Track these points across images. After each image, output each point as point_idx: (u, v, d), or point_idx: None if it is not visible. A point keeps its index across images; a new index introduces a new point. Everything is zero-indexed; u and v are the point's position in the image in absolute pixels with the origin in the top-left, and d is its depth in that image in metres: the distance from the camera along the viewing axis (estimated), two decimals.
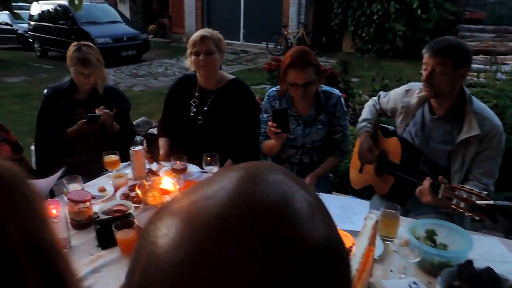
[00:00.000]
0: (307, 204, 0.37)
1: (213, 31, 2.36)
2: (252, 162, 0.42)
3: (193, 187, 0.41)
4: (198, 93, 2.42)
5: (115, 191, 1.98)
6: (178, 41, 14.85)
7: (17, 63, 11.37)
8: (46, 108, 2.56)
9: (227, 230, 0.33)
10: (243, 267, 0.31)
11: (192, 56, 2.31)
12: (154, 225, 0.37)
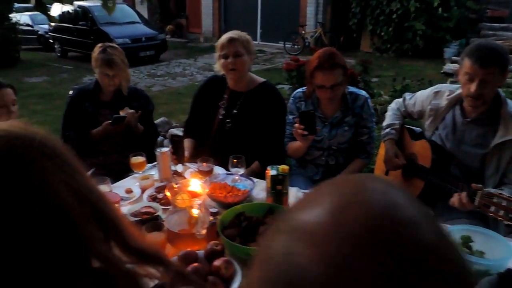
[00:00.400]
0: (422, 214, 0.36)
1: (241, 33, 2.35)
2: (350, 177, 0.41)
3: (300, 204, 0.40)
4: (227, 95, 2.42)
5: (142, 192, 1.98)
6: (195, 41, 14.91)
7: (38, 64, 11.56)
8: (72, 109, 2.58)
9: (358, 246, 0.32)
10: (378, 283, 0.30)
11: (220, 59, 2.31)
12: (277, 244, 0.36)
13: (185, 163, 2.29)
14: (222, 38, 2.33)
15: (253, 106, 2.37)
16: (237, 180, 2.04)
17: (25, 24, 13.78)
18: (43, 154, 0.63)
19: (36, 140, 0.64)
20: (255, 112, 2.36)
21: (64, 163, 0.65)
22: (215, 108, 2.43)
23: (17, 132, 0.64)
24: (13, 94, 2.10)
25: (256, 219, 1.57)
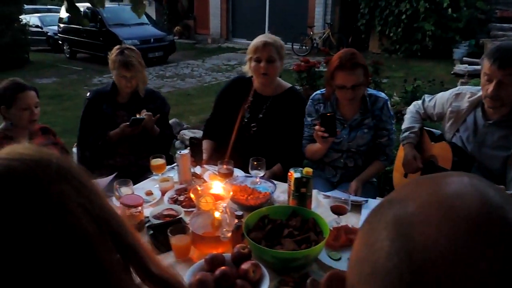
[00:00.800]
0: None
1: (275, 37, 2.35)
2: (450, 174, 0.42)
3: (399, 196, 0.42)
4: (252, 98, 2.41)
5: (162, 195, 1.98)
6: (203, 42, 14.95)
7: (47, 65, 11.64)
8: (89, 111, 2.59)
9: (473, 226, 0.35)
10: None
11: (252, 62, 2.31)
12: None
13: (203, 165, 2.29)
14: (256, 40, 2.31)
15: (279, 111, 2.38)
16: (257, 182, 2.04)
17: (34, 26, 13.90)
18: (60, 177, 0.60)
19: (53, 163, 0.61)
20: (281, 117, 2.37)
21: (83, 187, 0.62)
22: (238, 110, 2.43)
23: (33, 155, 0.61)
24: (36, 96, 2.11)
25: (280, 222, 1.56)
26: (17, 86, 2.07)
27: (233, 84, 2.58)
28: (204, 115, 6.15)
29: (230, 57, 12.00)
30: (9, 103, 2.04)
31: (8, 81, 2.12)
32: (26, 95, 2.06)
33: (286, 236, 1.50)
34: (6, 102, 2.04)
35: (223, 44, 14.23)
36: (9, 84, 2.09)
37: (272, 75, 2.35)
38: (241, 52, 12.68)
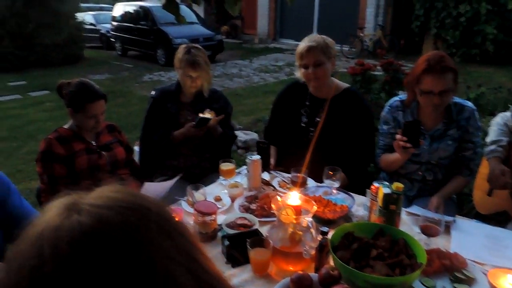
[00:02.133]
0: None
1: (320, 37, 2.22)
2: None
3: None
4: (309, 102, 2.30)
5: (231, 201, 1.89)
6: (250, 42, 14.94)
7: (100, 62, 11.99)
8: (154, 110, 2.55)
9: None
10: None
11: (301, 68, 2.21)
12: None
13: (271, 171, 2.19)
14: (300, 46, 2.20)
15: (338, 113, 2.25)
16: (330, 193, 1.91)
17: (88, 23, 14.39)
18: (161, 231, 0.49)
19: (152, 212, 0.50)
20: (340, 120, 2.24)
21: (185, 242, 0.52)
22: (297, 115, 2.32)
23: (129, 201, 0.51)
24: (104, 104, 2.05)
25: (367, 241, 1.43)
26: (89, 95, 1.98)
27: (289, 89, 2.49)
28: (254, 116, 6.09)
29: (278, 57, 11.90)
30: (77, 108, 1.99)
31: (80, 85, 2.01)
32: (95, 106, 1.98)
33: (376, 258, 1.36)
34: (74, 106, 1.99)
35: (270, 45, 14.15)
36: (80, 89, 1.99)
37: (323, 78, 2.22)
38: (288, 53, 12.56)
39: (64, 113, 6.90)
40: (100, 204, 0.48)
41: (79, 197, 0.50)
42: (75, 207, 0.48)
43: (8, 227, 1.23)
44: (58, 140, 1.98)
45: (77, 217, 0.46)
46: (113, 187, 0.53)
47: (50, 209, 0.49)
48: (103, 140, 2.15)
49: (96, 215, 0.47)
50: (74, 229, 0.45)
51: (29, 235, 0.46)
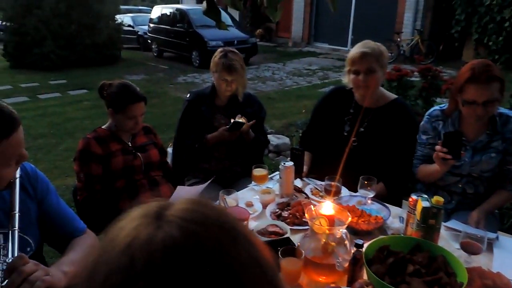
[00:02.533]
0: None
1: (375, 44, 2.15)
2: None
3: None
4: (353, 110, 2.25)
5: (263, 207, 1.87)
6: (284, 45, 14.91)
7: (137, 63, 12.27)
8: (188, 113, 2.56)
9: None
10: None
11: (350, 74, 2.15)
12: None
13: (303, 178, 2.16)
14: (353, 51, 2.14)
15: (383, 124, 2.18)
16: (365, 203, 1.86)
17: (127, 25, 14.75)
18: (250, 256, 0.46)
19: (241, 236, 0.48)
20: (385, 131, 2.17)
21: (271, 271, 0.49)
22: (339, 122, 2.27)
23: (221, 219, 0.48)
24: (144, 106, 2.08)
25: (403, 255, 1.38)
26: (131, 96, 2.02)
27: (332, 95, 2.43)
28: (286, 120, 6.06)
29: (312, 61, 11.82)
30: (118, 109, 2.03)
31: (121, 86, 2.05)
32: (136, 107, 2.02)
33: (412, 274, 1.31)
34: (115, 107, 2.03)
35: (304, 48, 14.07)
36: (122, 91, 2.04)
37: (373, 86, 2.16)
38: (322, 57, 12.46)
39: (100, 112, 7.10)
40: (189, 218, 0.46)
41: (164, 208, 0.48)
42: (163, 218, 0.46)
43: (44, 225, 1.26)
44: (96, 139, 2.02)
45: (168, 230, 0.44)
46: (195, 200, 0.51)
47: (133, 218, 0.47)
48: (138, 141, 2.18)
49: (188, 230, 0.45)
50: (166, 242, 0.43)
51: (114, 244, 0.45)
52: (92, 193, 1.99)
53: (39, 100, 7.90)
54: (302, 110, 6.44)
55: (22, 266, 0.96)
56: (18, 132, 1.03)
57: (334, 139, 2.29)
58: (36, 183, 1.25)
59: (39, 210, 1.25)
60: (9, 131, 1.01)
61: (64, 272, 1.09)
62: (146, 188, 2.09)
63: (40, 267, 1.00)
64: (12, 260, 0.99)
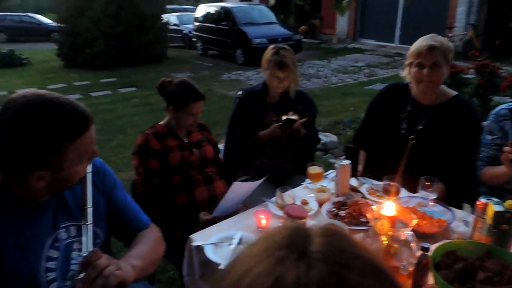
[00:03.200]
0: None
1: (443, 38, 2.06)
2: None
3: None
4: (410, 107, 2.16)
5: (319, 206, 1.84)
6: (328, 42, 14.71)
7: (182, 61, 12.53)
8: (240, 110, 2.57)
9: None
10: None
11: (413, 67, 2.06)
12: None
13: (358, 177, 2.10)
14: (420, 44, 2.04)
15: (442, 122, 2.09)
16: (425, 205, 1.79)
17: (172, 24, 15.08)
18: (361, 269, 0.43)
19: (342, 236, 0.45)
20: (445, 130, 2.07)
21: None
22: (395, 120, 2.19)
23: (374, 264, 0.44)
24: (203, 105, 2.12)
25: (472, 261, 1.31)
26: (191, 94, 2.06)
27: (388, 92, 2.34)
28: (332, 118, 5.96)
29: (357, 58, 11.58)
30: (179, 107, 2.06)
31: (182, 84, 2.10)
32: (196, 105, 2.06)
33: (484, 282, 1.24)
34: (176, 104, 2.07)
35: (349, 45, 13.81)
36: (183, 89, 2.08)
37: (437, 82, 2.06)
38: (368, 54, 12.17)
39: (148, 109, 7.29)
40: (335, 257, 0.42)
41: (306, 243, 0.44)
42: (308, 255, 0.42)
43: (112, 218, 1.30)
44: (154, 135, 2.06)
45: (319, 272, 0.40)
46: (332, 230, 0.47)
47: (262, 252, 0.44)
48: (194, 138, 2.21)
49: (337, 274, 0.41)
50: (320, 285, 0.39)
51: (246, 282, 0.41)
52: (150, 187, 2.03)
53: (91, 98, 8.23)
54: (350, 108, 6.33)
55: (97, 261, 0.99)
56: (91, 130, 1.06)
57: (390, 138, 2.21)
58: (105, 177, 1.29)
59: (107, 204, 1.28)
60: (82, 129, 1.03)
61: (133, 265, 1.12)
62: (201, 183, 2.11)
63: (112, 261, 1.03)
64: (87, 254, 1.02)
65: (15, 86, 9.33)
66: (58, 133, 0.99)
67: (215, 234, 1.65)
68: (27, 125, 0.96)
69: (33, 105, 0.98)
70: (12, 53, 12.32)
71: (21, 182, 1.02)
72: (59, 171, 1.03)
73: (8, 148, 0.97)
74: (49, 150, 0.99)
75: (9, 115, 0.97)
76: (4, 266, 1.01)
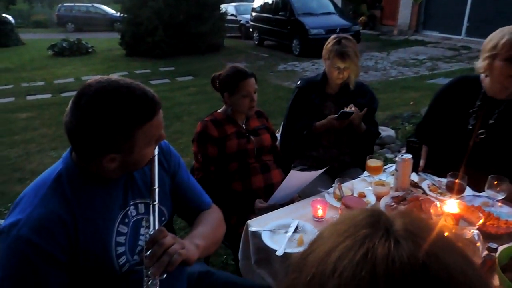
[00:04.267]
0: None
1: None
2: None
3: None
4: (480, 102, 2.05)
5: (377, 199, 1.81)
6: (388, 34, 14.21)
7: (238, 51, 12.65)
8: (298, 100, 2.56)
9: None
10: None
11: (497, 60, 1.91)
12: None
13: (419, 173, 2.04)
14: (509, 36, 1.90)
15: None
16: (492, 205, 1.70)
17: (230, 14, 15.24)
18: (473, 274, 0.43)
19: (419, 218, 0.46)
20: None
21: None
22: (463, 115, 2.09)
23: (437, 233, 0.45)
24: (255, 83, 2.15)
25: None
26: (240, 73, 2.12)
27: (457, 84, 2.22)
28: (390, 112, 5.78)
29: (419, 50, 11.10)
30: (232, 90, 2.11)
31: (230, 69, 2.17)
32: (247, 83, 2.11)
33: None
34: (229, 89, 2.12)
35: (411, 37, 13.25)
36: (232, 72, 2.14)
37: None
38: (431, 46, 11.63)
39: (205, 97, 7.46)
40: (419, 235, 0.44)
41: (389, 223, 0.46)
42: (394, 233, 0.44)
43: (176, 198, 1.35)
44: (213, 122, 2.12)
45: (408, 248, 0.42)
46: (409, 213, 0.48)
47: (347, 228, 0.46)
48: (252, 125, 2.24)
49: (421, 247, 0.42)
50: (411, 261, 0.41)
51: (332, 259, 0.43)
52: (207, 173, 2.09)
53: (150, 86, 8.41)
54: (410, 103, 6.10)
55: (163, 239, 1.04)
56: (159, 114, 1.10)
57: (456, 133, 2.11)
58: (170, 158, 1.34)
59: (172, 183, 1.34)
60: (152, 114, 1.07)
61: (196, 245, 1.16)
62: (258, 171, 2.14)
63: (177, 240, 1.07)
64: (153, 232, 1.07)
65: (81, 73, 9.90)
66: (130, 118, 1.03)
67: (272, 221, 1.67)
68: (101, 110, 1.01)
69: (107, 91, 1.02)
70: (79, 42, 13.05)
71: (95, 162, 1.08)
72: (129, 154, 1.08)
73: (82, 131, 1.02)
74: (121, 135, 1.03)
75: (84, 100, 1.02)
76: (80, 238, 1.07)
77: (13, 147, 5.14)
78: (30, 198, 1.06)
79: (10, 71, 10.48)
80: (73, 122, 1.02)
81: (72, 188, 1.09)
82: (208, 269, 1.54)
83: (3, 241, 1.01)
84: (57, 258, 1.03)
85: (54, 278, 1.03)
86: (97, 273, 1.13)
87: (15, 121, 6.29)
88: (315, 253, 0.45)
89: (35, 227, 1.00)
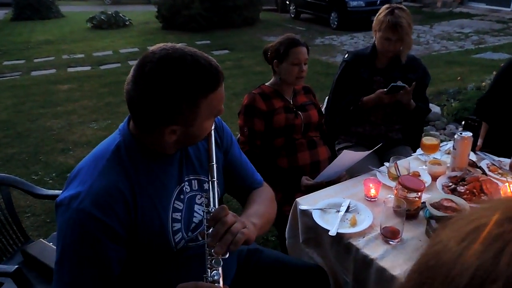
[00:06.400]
0: None
1: None
2: None
3: None
4: None
5: (432, 179, 1.72)
6: (431, 6, 13.52)
7: (274, 24, 12.39)
8: (345, 74, 2.46)
9: None
10: None
11: None
12: None
13: (477, 152, 1.93)
14: None
15: None
16: None
17: None
18: None
19: None
20: None
21: None
22: None
23: None
24: (306, 53, 2.08)
25: None
26: (291, 41, 2.06)
27: None
28: (434, 88, 5.54)
29: (464, 23, 10.53)
30: (282, 57, 2.05)
31: (284, 37, 2.12)
32: (298, 51, 2.04)
33: None
34: (279, 56, 2.07)
35: (456, 9, 12.57)
36: (284, 40, 2.09)
37: None
38: (477, 19, 11.01)
39: (241, 72, 7.40)
40: None
41: None
42: None
43: (228, 175, 1.32)
44: (261, 95, 2.06)
45: None
46: None
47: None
48: (299, 100, 2.17)
49: None
50: None
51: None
52: (253, 147, 2.05)
53: None
54: (457, 78, 5.81)
55: (225, 217, 1.00)
56: (222, 86, 1.04)
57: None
58: (223, 134, 1.29)
59: (225, 160, 1.30)
60: (215, 85, 1.02)
61: (254, 224, 1.13)
62: (304, 148, 2.08)
63: (238, 219, 1.03)
64: (215, 210, 1.03)
65: (119, 46, 9.99)
66: (195, 88, 0.98)
67: (322, 199, 1.62)
68: (166, 78, 0.96)
69: (173, 58, 0.97)
70: (117, 14, 13.13)
71: (155, 134, 1.04)
72: (190, 126, 1.03)
73: (146, 100, 0.98)
74: (185, 104, 0.99)
75: (149, 67, 0.97)
76: (138, 213, 1.05)
77: (56, 118, 5.27)
78: (90, 170, 1.04)
79: (51, 43, 10.70)
80: (137, 91, 0.98)
81: (131, 161, 1.06)
82: (257, 247, 1.51)
83: (63, 213, 1.00)
84: (117, 232, 1.01)
85: (114, 252, 1.02)
86: (154, 250, 1.11)
87: (57, 93, 6.44)
88: (463, 219, 0.39)
89: (96, 200, 0.99)
